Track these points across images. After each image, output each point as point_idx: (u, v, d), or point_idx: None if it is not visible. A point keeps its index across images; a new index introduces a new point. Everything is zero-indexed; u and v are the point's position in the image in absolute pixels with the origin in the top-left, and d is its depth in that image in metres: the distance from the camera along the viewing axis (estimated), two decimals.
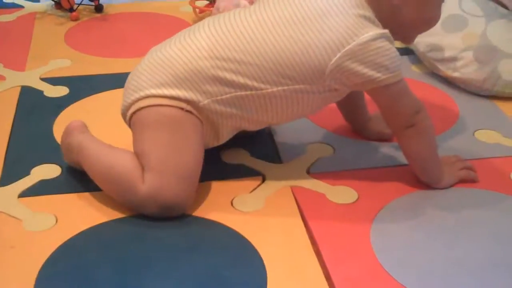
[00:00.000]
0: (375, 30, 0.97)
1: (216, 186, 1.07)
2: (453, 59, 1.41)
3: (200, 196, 1.04)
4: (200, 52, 0.98)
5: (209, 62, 0.97)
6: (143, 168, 0.98)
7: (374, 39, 0.97)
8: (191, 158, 0.99)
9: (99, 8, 1.78)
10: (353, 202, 1.04)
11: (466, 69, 1.39)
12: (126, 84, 1.03)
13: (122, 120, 1.04)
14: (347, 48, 0.96)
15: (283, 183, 1.08)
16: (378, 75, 0.98)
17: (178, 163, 0.97)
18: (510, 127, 1.28)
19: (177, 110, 0.98)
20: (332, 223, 1.00)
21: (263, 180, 1.09)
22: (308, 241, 0.96)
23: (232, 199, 1.04)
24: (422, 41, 1.46)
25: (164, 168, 0.97)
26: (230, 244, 0.95)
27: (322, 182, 1.08)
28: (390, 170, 1.12)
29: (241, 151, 1.16)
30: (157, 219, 0.98)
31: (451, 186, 1.09)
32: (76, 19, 1.72)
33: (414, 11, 1.01)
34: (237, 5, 1.56)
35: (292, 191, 1.06)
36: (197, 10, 1.73)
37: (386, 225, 1.00)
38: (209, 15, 1.69)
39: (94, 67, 1.47)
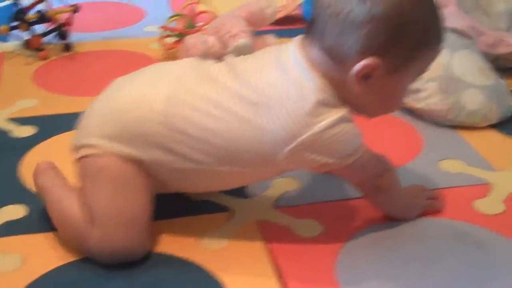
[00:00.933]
0: (332, 116, 0.92)
1: (183, 223, 1.07)
2: (417, 90, 1.42)
3: (167, 233, 1.04)
4: (156, 116, 0.95)
5: (164, 130, 0.95)
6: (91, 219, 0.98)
7: (331, 126, 0.92)
8: (135, 204, 0.98)
9: (68, 47, 1.79)
10: (319, 235, 1.05)
11: (430, 99, 1.41)
12: (80, 122, 1.03)
13: None
14: (300, 138, 0.92)
15: (250, 218, 1.09)
16: (333, 160, 0.95)
17: (122, 212, 0.96)
18: (474, 157, 1.30)
19: (119, 159, 0.97)
20: (298, 257, 1.00)
21: (230, 216, 1.09)
22: (276, 277, 0.96)
23: (200, 236, 1.04)
24: None
25: (107, 220, 0.96)
26: (198, 281, 0.95)
27: (288, 215, 1.09)
28: (356, 202, 1.13)
29: None
30: None
31: (417, 217, 1.10)
32: (45, 58, 1.73)
33: (377, 100, 0.97)
34: (205, 42, 1.57)
35: (259, 225, 1.07)
36: (167, 46, 1.75)
37: (352, 257, 1.00)
38: (178, 51, 1.70)
39: (62, 106, 1.47)
